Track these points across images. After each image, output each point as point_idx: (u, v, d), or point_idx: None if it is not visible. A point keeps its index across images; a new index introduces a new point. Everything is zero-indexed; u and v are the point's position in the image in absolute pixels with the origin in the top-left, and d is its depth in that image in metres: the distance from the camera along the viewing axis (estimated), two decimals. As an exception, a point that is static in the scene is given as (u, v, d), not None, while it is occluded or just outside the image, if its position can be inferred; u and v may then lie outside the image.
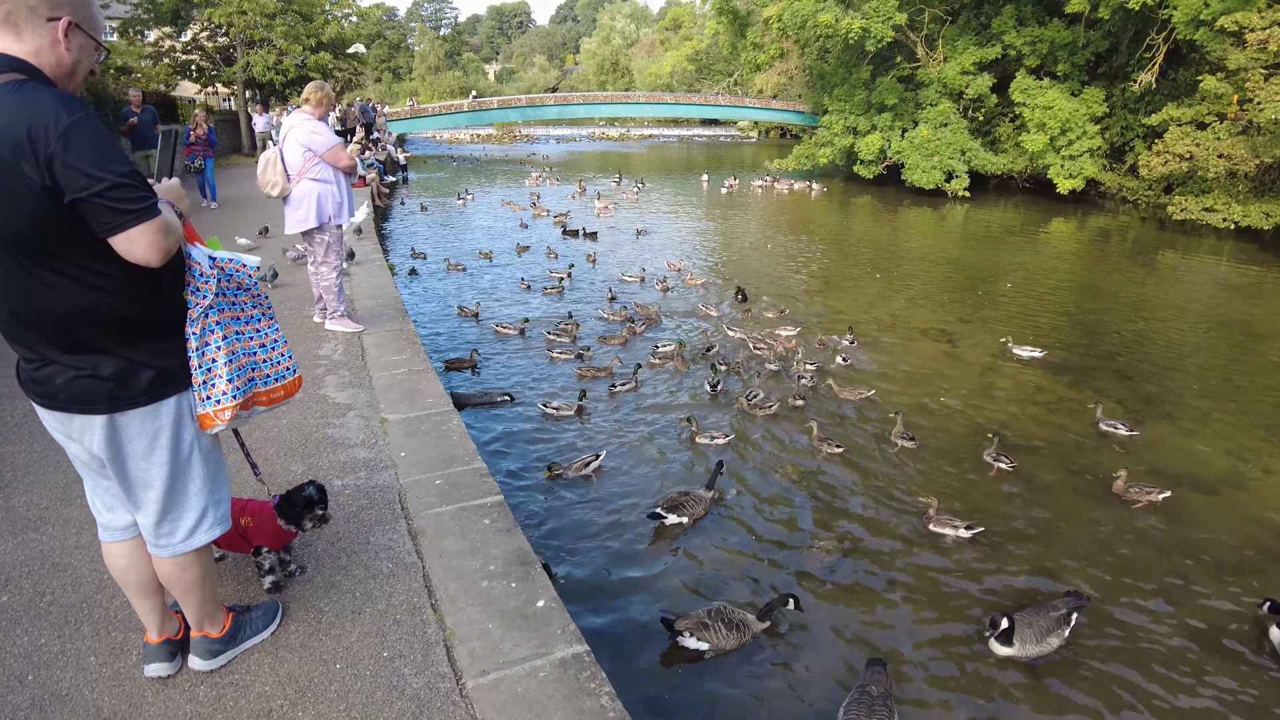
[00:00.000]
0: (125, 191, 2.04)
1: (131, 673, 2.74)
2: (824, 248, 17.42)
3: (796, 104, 41.15)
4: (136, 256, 2.10)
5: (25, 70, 2.05)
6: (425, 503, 3.91)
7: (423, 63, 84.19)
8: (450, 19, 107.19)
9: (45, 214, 2.01)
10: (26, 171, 1.95)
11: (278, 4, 27.04)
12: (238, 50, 28.04)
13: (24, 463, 4.36)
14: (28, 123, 1.94)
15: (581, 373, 8.69)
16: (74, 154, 1.96)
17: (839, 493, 6.40)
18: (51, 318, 2.14)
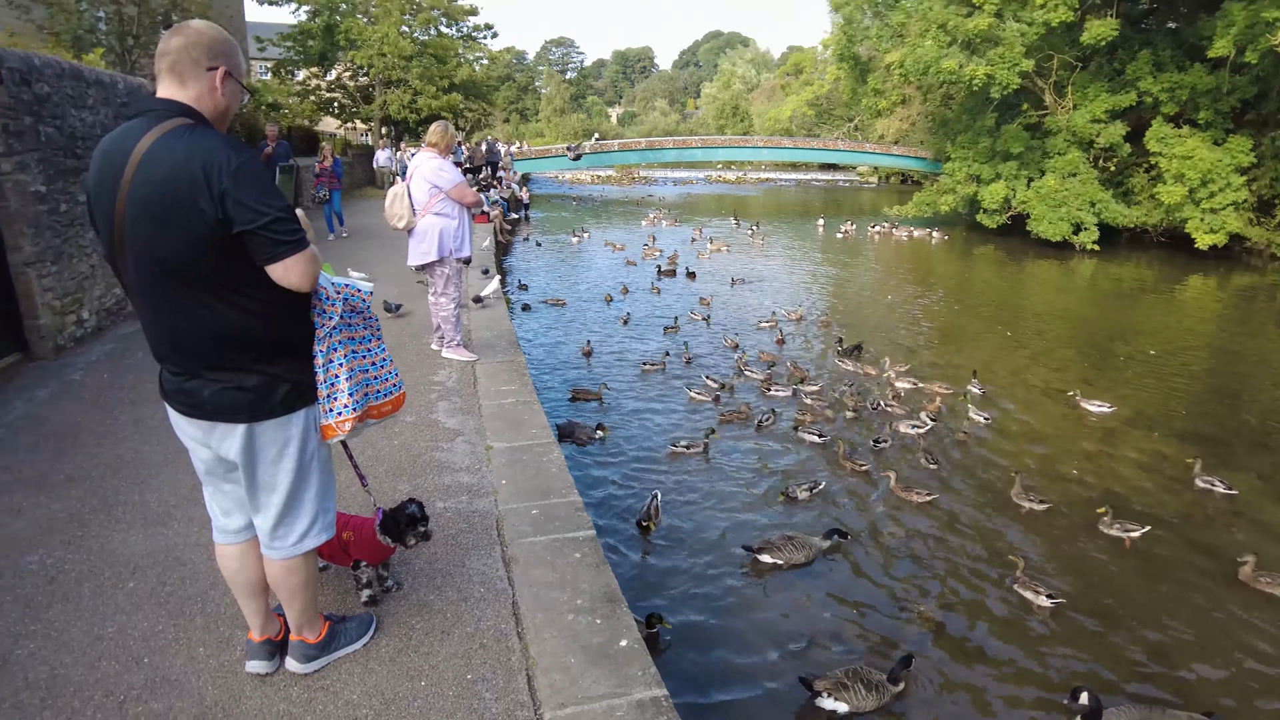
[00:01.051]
0: (284, 225, 2.28)
1: (234, 666, 2.93)
2: (943, 299, 16.95)
3: (918, 150, 40.42)
4: (290, 283, 2.35)
5: (191, 115, 2.32)
6: (520, 531, 4.01)
7: (549, 105, 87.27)
8: (577, 63, 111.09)
9: (213, 245, 2.24)
10: (202, 205, 2.19)
11: (415, 47, 28.75)
12: (376, 89, 29.93)
13: (158, 463, 4.75)
14: (203, 162, 2.19)
15: (725, 416, 8.85)
16: (243, 191, 2.21)
17: (945, 547, 6.20)
18: (207, 339, 2.37)
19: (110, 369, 6.69)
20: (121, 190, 2.22)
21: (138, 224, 2.23)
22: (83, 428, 5.32)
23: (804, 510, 6.88)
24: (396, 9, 28.61)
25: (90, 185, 2.33)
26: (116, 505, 4.20)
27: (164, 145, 2.21)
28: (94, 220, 2.38)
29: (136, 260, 2.29)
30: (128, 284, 2.38)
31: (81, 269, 7.72)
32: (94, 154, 2.35)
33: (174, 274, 2.28)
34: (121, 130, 2.30)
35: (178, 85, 2.34)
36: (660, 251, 21.23)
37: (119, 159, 2.23)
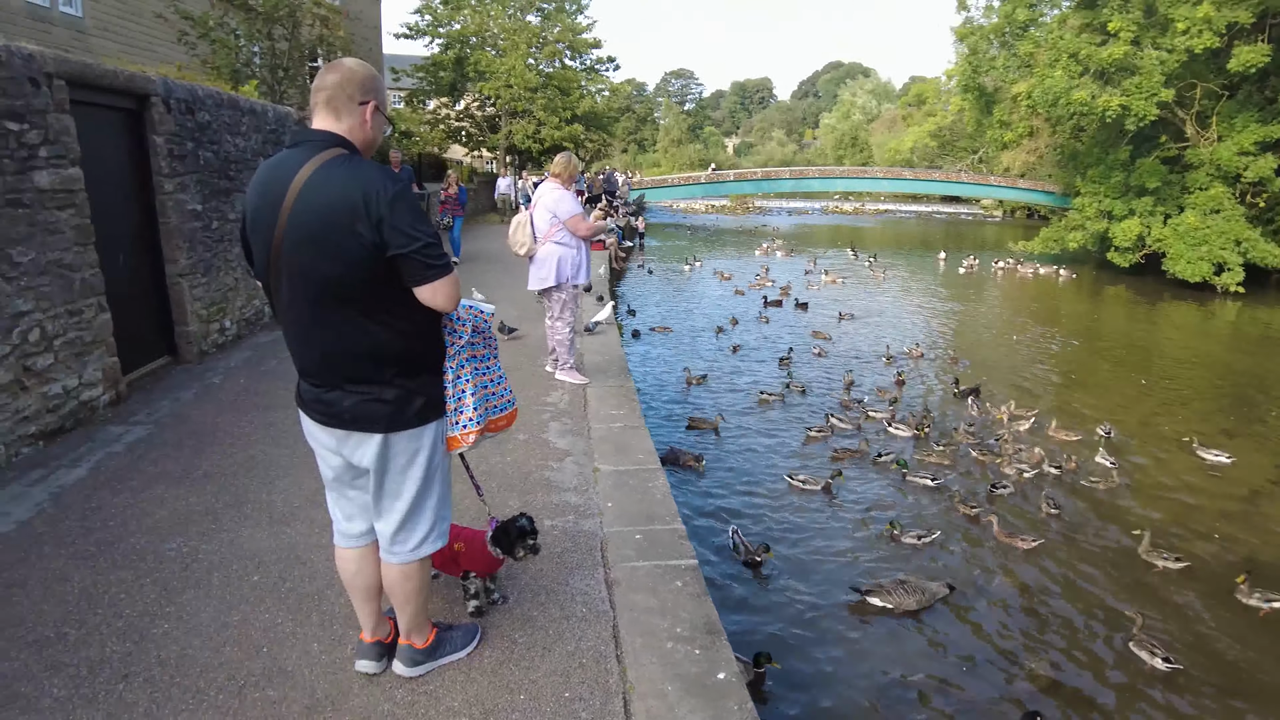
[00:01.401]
0: (434, 250, 2.44)
1: (344, 664, 3.04)
2: (1069, 340, 16.11)
3: (1045, 184, 38.80)
4: (436, 304, 2.50)
5: (345, 145, 2.50)
6: (624, 555, 4.01)
7: (666, 135, 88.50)
8: (695, 94, 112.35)
9: (368, 267, 2.39)
10: (360, 230, 2.34)
11: (540, 79, 29.75)
12: (502, 119, 31.10)
13: (286, 465, 5.02)
14: (362, 190, 2.35)
15: (838, 454, 8.67)
16: (398, 217, 2.37)
17: (1060, 599, 5.86)
18: (355, 354, 2.52)
19: (246, 375, 7.14)
20: (282, 215, 2.38)
21: (299, 246, 2.38)
22: (220, 428, 5.69)
23: (915, 554, 6.63)
24: (524, 42, 29.74)
25: (249, 208, 2.51)
26: (246, 502, 4.46)
27: (325, 173, 2.38)
28: (248, 241, 2.56)
29: (293, 280, 2.44)
30: (281, 302, 2.53)
31: (227, 281, 8.30)
32: (253, 180, 2.53)
33: (330, 294, 2.43)
34: (281, 158, 2.48)
35: (333, 118, 2.51)
36: (772, 282, 21.10)
37: (280, 185, 2.40)
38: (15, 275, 5.07)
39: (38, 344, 5.27)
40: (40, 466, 4.92)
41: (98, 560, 3.77)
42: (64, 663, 3.02)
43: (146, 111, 6.98)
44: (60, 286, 5.50)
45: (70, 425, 5.56)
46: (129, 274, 6.77)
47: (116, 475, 4.79)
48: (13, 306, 5.04)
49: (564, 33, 31.28)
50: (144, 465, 4.96)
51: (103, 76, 6.27)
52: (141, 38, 18.17)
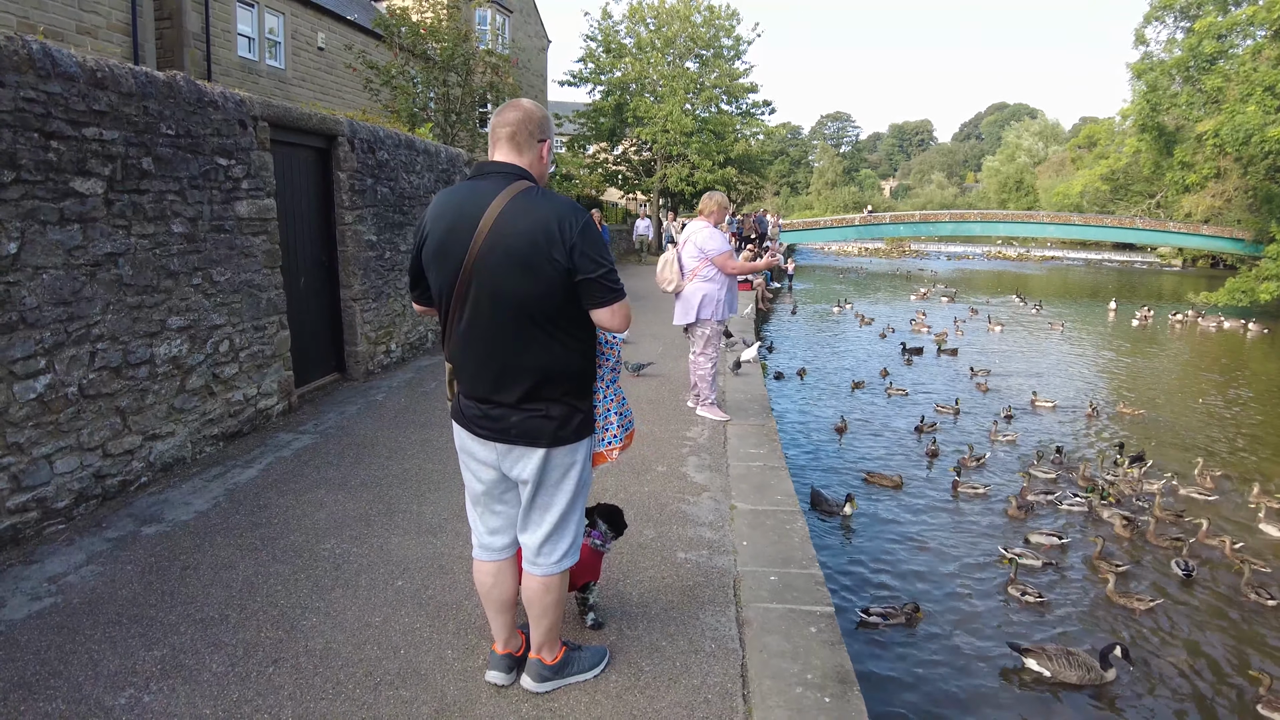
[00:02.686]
0: (614, 276, 2.62)
1: (475, 673, 3.11)
2: (1257, 400, 14.54)
3: (1233, 230, 35.42)
4: (614, 325, 2.67)
5: (529, 178, 2.68)
6: (757, 595, 3.91)
7: (820, 178, 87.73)
8: (852, 137, 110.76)
9: (558, 289, 2.56)
10: (555, 255, 2.52)
11: (695, 124, 30.23)
12: (657, 163, 31.76)
13: (437, 480, 5.26)
14: (556, 219, 2.53)
15: (1012, 514, 8.18)
16: (588, 245, 2.55)
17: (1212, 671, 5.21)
18: (533, 370, 2.65)
19: (408, 394, 7.55)
20: (478, 238, 2.54)
21: (497, 268, 2.55)
22: (379, 442, 6.03)
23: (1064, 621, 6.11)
24: (682, 88, 30.35)
25: (436, 233, 2.66)
26: (398, 512, 4.68)
27: (522, 202, 2.56)
28: (432, 263, 2.70)
29: (481, 301, 2.60)
30: (463, 324, 2.66)
31: (395, 307, 8.85)
32: (437, 207, 2.70)
33: (522, 312, 2.58)
34: (470, 186, 2.67)
35: (515, 152, 2.70)
36: (929, 328, 20.34)
37: (475, 210, 2.58)
38: (214, 292, 5.63)
39: (226, 354, 5.80)
40: (218, 465, 5.40)
41: (260, 553, 4.08)
42: (224, 642, 3.27)
43: (334, 150, 7.62)
44: (249, 304, 6.04)
45: (247, 430, 6.06)
46: (308, 296, 7.35)
47: (283, 478, 5.17)
48: (209, 320, 5.58)
49: (721, 78, 31.72)
50: (308, 471, 5.33)
51: (299, 119, 6.91)
52: (333, 86, 19.99)
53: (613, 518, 3.55)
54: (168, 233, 5.14)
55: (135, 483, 4.91)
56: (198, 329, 5.46)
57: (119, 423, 4.76)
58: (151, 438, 5.05)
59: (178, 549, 4.11)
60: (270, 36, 18.09)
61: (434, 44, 16.86)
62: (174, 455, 5.26)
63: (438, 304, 2.75)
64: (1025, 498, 8.40)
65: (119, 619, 3.41)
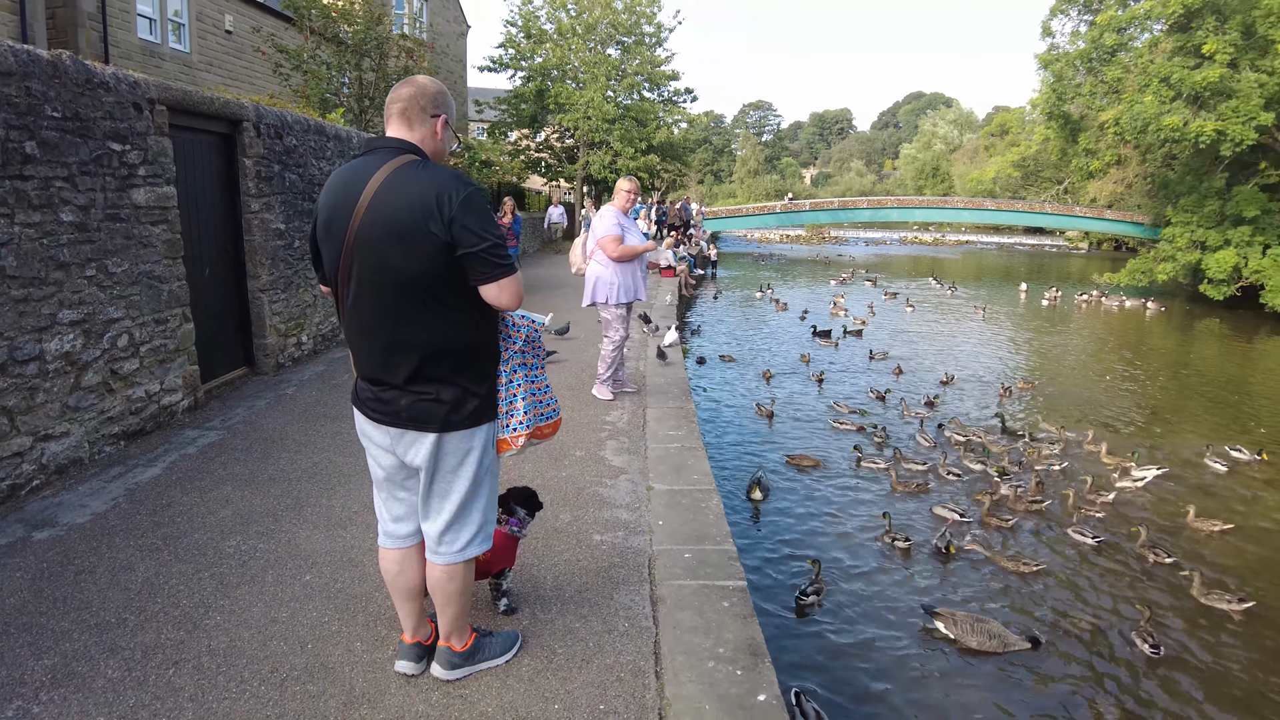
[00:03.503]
0: (500, 250, 2.55)
1: (384, 664, 3.08)
2: (1156, 375, 15.37)
3: (1134, 214, 37.24)
4: (502, 302, 2.60)
5: (417, 152, 2.63)
6: (671, 573, 3.96)
7: (743, 166, 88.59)
8: (773, 125, 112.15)
9: (438, 264, 2.50)
10: (432, 229, 2.46)
11: (617, 111, 30.18)
12: (580, 150, 31.62)
13: (348, 473, 5.15)
14: (435, 191, 2.47)
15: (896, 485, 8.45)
16: (470, 218, 2.48)
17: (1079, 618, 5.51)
18: (418, 348, 2.60)
19: (319, 388, 7.37)
20: (358, 213, 2.50)
21: (374, 243, 2.50)
22: (288, 436, 5.88)
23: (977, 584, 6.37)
24: (603, 75, 30.22)
25: (323, 210, 2.64)
26: (307, 506, 4.58)
27: (401, 175, 2.51)
28: (321, 240, 2.69)
29: (364, 277, 2.56)
30: (350, 301, 2.63)
31: (306, 298, 8.61)
32: (328, 184, 2.67)
33: (401, 288, 2.53)
34: (358, 163, 2.62)
35: (406, 128, 2.66)
36: (846, 311, 20.81)
37: (356, 186, 2.53)
38: (110, 284, 5.38)
39: (126, 349, 5.55)
40: (119, 465, 5.18)
41: (162, 553, 3.93)
42: (120, 646, 3.14)
43: (238, 135, 7.35)
44: (149, 296, 5.80)
45: (150, 428, 5.83)
46: (213, 288, 7.09)
47: (188, 475, 5.00)
48: (105, 313, 5.33)
49: (643, 65, 31.70)
50: (214, 467, 5.16)
51: (200, 103, 6.64)
52: (242, 70, 19.25)
53: (528, 501, 3.55)
54: (56, 222, 4.89)
55: (26, 486, 4.67)
56: (93, 323, 5.21)
57: (6, 423, 4.52)
58: (44, 438, 4.81)
59: (72, 553, 3.93)
60: (174, 18, 17.25)
61: (346, 27, 16.39)
62: (69, 456, 5.02)
63: (330, 283, 2.70)
64: (902, 465, 9.03)
65: (5, 629, 3.25)
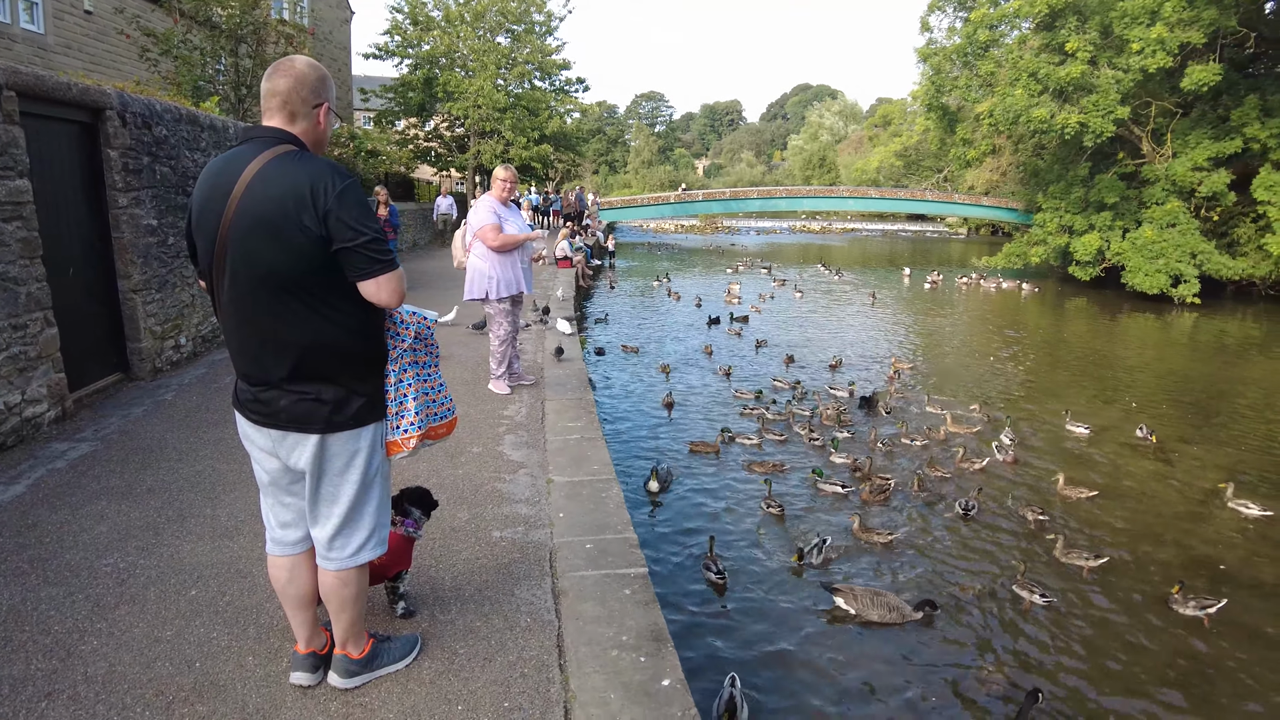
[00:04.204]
0: (379, 245, 2.46)
1: (279, 677, 2.97)
2: (1032, 350, 16.37)
3: (1008, 201, 39.51)
4: (381, 299, 2.51)
5: (296, 143, 2.53)
6: (573, 564, 3.98)
7: (637, 157, 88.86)
8: (666, 116, 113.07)
9: (313, 258, 2.41)
10: (306, 222, 2.36)
11: (508, 100, 29.82)
12: (471, 139, 31.09)
13: (233, 480, 4.93)
14: (310, 182, 2.38)
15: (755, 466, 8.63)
16: (345, 211, 2.40)
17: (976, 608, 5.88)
18: (296, 348, 2.50)
19: (200, 392, 7.03)
20: (230, 205, 2.39)
21: (248, 236, 2.39)
22: (168, 444, 5.58)
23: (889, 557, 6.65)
24: (493, 63, 29.78)
25: (196, 202, 2.52)
26: (190, 517, 4.37)
27: (275, 166, 2.41)
28: (194, 234, 2.56)
29: (237, 271, 2.44)
30: (224, 296, 2.51)
31: (183, 298, 8.18)
32: (202, 175, 2.54)
33: (275, 284, 2.43)
34: (232, 154, 2.50)
35: (287, 120, 2.56)
36: (740, 299, 21.24)
37: (229, 177, 2.42)
38: (-45, 289, 4.97)
39: (-23, 359, 5.15)
40: (-24, 484, 4.80)
41: (29, 577, 3.66)
42: (-17, 681, 2.92)
43: (101, 125, 6.89)
44: (5, 300, 5.38)
45: (12, 442, 5.42)
46: (80, 289, 6.65)
47: (56, 492, 4.67)
48: (-49, 321, 4.93)
49: (533, 54, 31.39)
50: (86, 482, 4.84)
51: (55, 89, 6.18)
52: (105, 55, 18.01)
53: (422, 501, 3.50)
54: (-110, 222, 4.48)
55: None
56: (-62, 331, 4.81)
57: None
58: (-115, 457, 4.42)
59: (-78, 582, 3.63)
60: (24, -3, 15.98)
61: (220, 10, 15.55)
62: (-84, 475, 4.63)
63: (205, 278, 2.58)
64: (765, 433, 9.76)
65: None
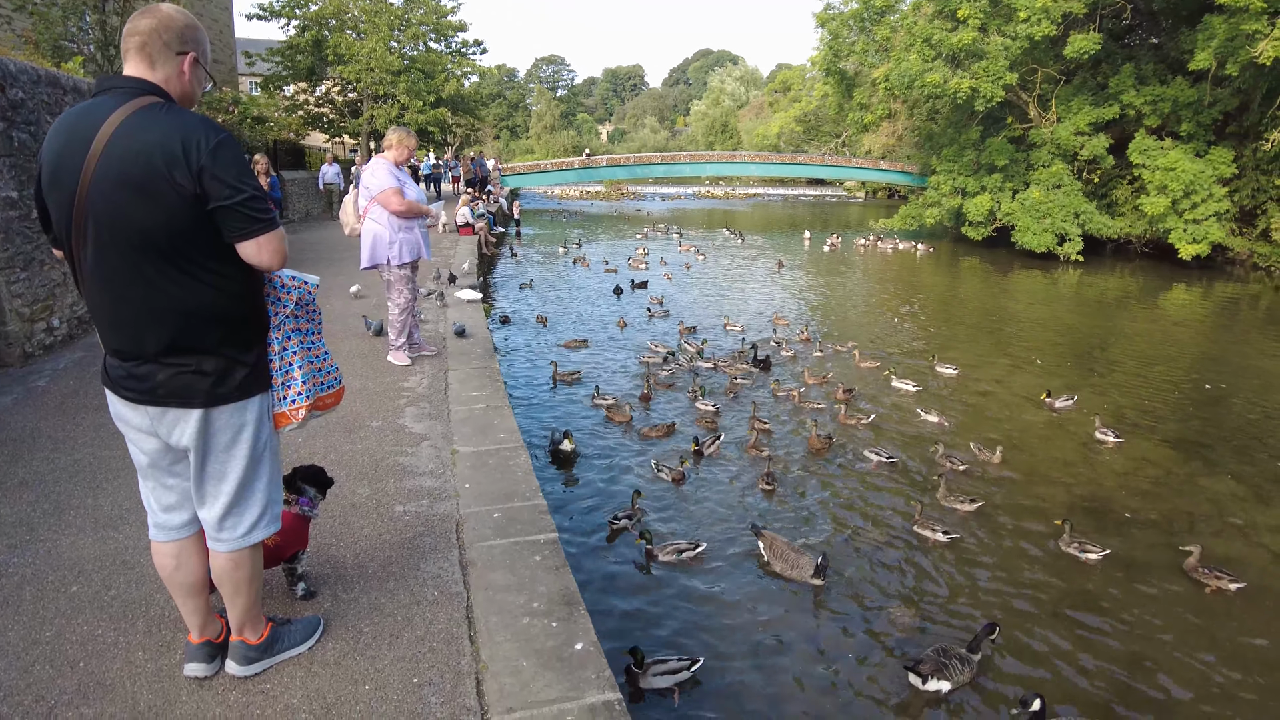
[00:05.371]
0: (259, 203, 2.31)
1: (172, 670, 2.83)
2: (928, 308, 17.00)
3: (904, 164, 40.69)
4: (262, 261, 2.36)
5: (160, 94, 2.31)
6: (480, 534, 3.92)
7: (539, 122, 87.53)
8: (567, 81, 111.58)
9: (186, 218, 2.24)
10: (178, 179, 2.18)
11: (402, 63, 28.81)
12: (364, 104, 29.94)
13: (116, 468, 4.64)
14: (181, 137, 2.19)
15: (645, 432, 8.65)
16: (221, 168, 2.23)
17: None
18: (171, 316, 2.32)
19: (77, 376, 6.58)
20: (89, 163, 2.19)
21: (110, 196, 2.20)
22: (42, 433, 5.21)
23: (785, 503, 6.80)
24: (385, 25, 28.69)
25: (48, 161, 2.28)
26: (68, 509, 4.09)
27: (140, 120, 2.21)
28: (45, 195, 2.33)
29: (101, 235, 2.25)
30: (87, 264, 2.30)
31: (53, 276, 7.62)
32: (52, 130, 2.30)
33: (146, 247, 2.25)
34: (87, 105, 2.27)
35: (146, 66, 2.34)
36: (647, 265, 21.26)
37: (86, 132, 2.21)
38: None
39: None
40: None
41: (-120, 584, 3.36)
42: None
43: (-58, 89, 6.30)
44: None
45: None
46: (-73, 269, 6.10)
47: (-90, 490, 4.30)
48: None
49: (427, 15, 30.37)
50: (-54, 477, 4.47)
51: (-118, 48, 5.60)
52: (-53, 13, 16.47)
53: (316, 478, 3.38)
54: None
55: None
56: None
57: None
58: None
59: None
60: None
61: (79, -37, 14.42)
62: None
63: (62, 244, 2.36)
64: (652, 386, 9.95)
65: None
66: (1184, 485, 7.65)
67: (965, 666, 4.56)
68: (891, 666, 4.81)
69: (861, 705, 4.53)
